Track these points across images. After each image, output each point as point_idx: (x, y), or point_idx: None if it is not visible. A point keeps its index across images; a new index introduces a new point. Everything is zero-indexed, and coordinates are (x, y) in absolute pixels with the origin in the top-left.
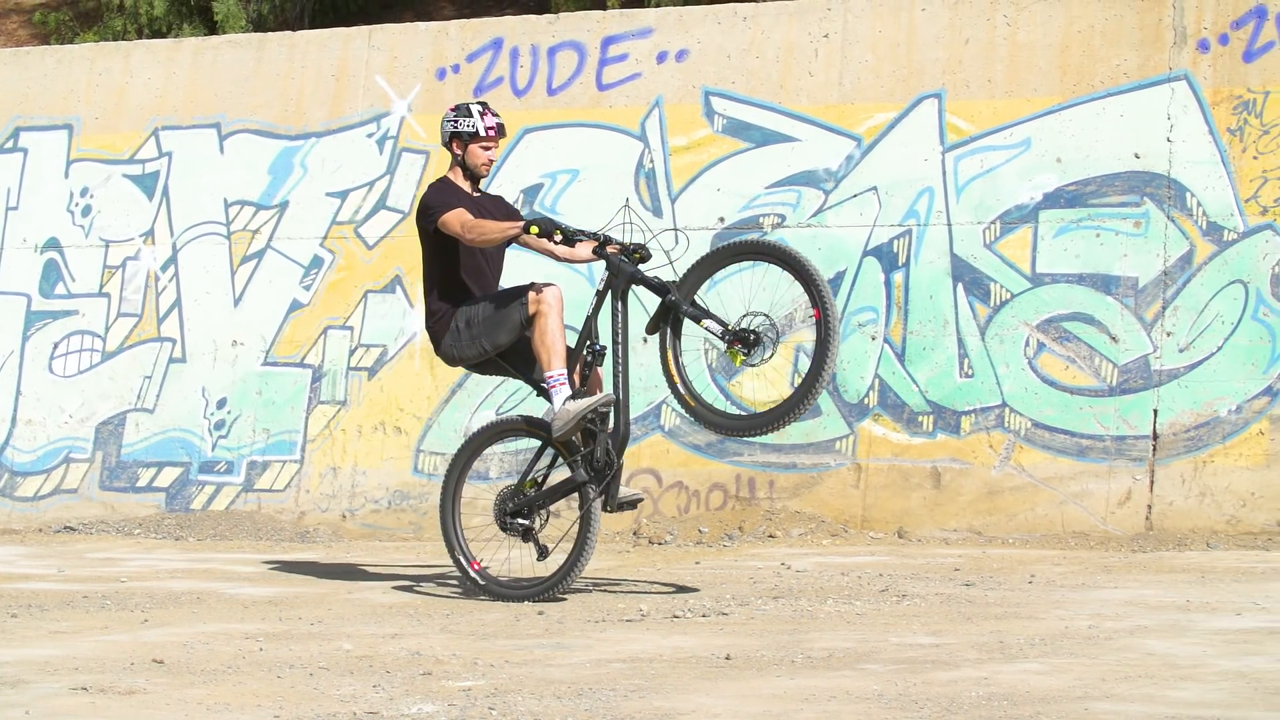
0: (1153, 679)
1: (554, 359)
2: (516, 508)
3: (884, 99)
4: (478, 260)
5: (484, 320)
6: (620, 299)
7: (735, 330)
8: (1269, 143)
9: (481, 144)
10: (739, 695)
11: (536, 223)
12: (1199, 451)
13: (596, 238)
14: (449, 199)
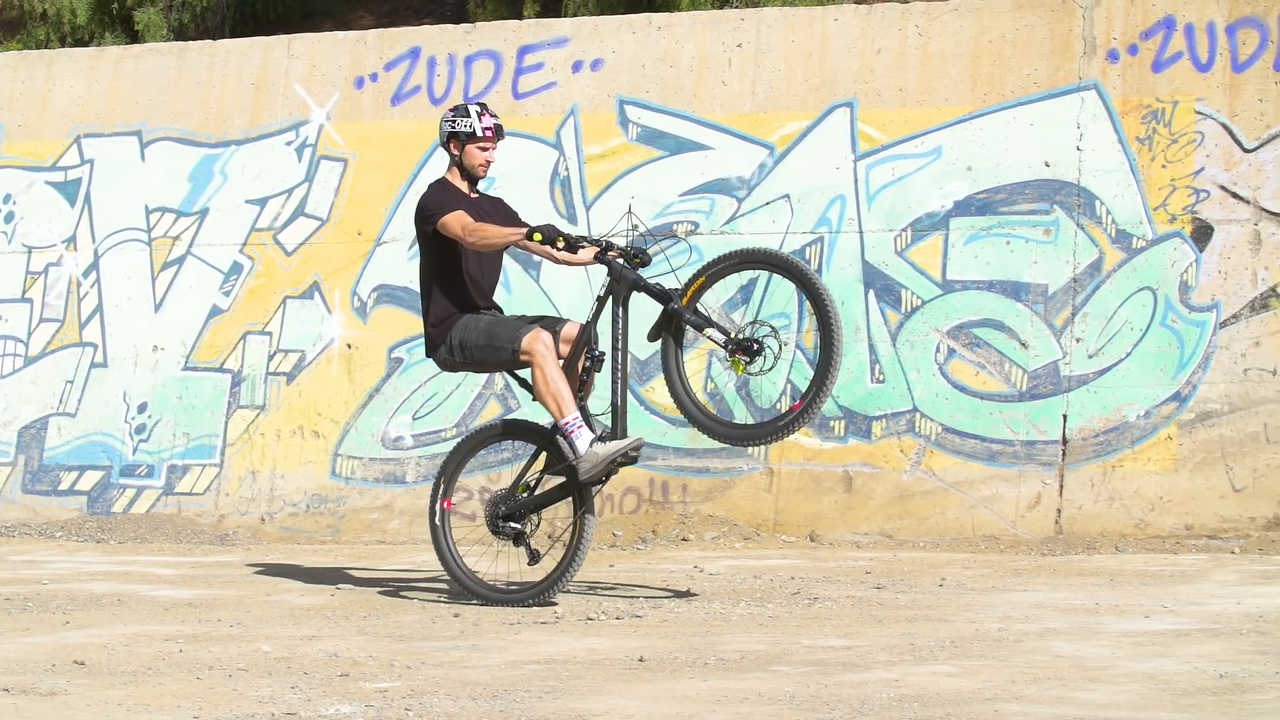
0: (1062, 681)
1: (564, 406)
2: (509, 512)
3: (796, 108)
4: (479, 263)
5: (475, 348)
6: (621, 305)
7: (738, 339)
8: (1177, 151)
9: (479, 145)
10: (652, 697)
11: (540, 230)
12: (1108, 456)
13: (599, 243)
14: (448, 201)
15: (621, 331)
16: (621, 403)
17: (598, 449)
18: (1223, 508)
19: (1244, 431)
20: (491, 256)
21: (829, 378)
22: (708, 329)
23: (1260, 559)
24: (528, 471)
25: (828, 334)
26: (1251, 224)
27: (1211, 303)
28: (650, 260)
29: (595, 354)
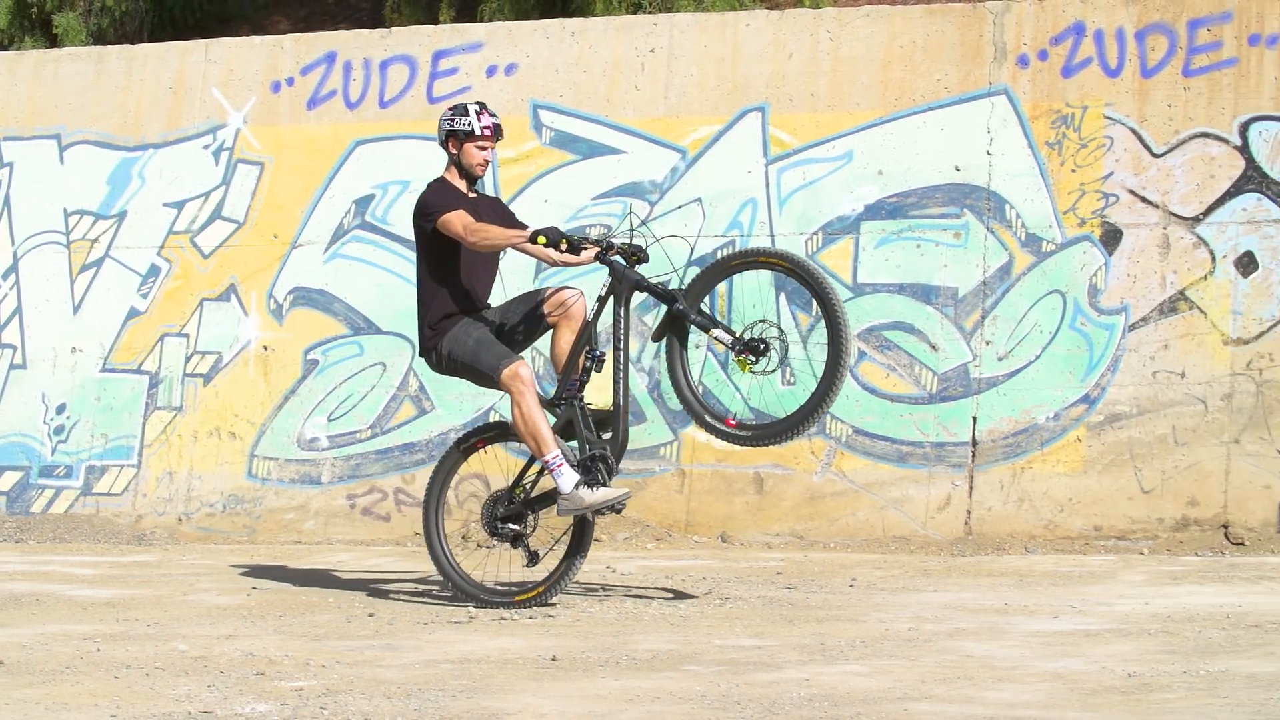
0: (971, 680)
1: (542, 444)
2: (507, 513)
3: (709, 112)
4: (476, 264)
5: (461, 365)
6: (623, 305)
7: (745, 340)
8: (1087, 156)
9: (477, 144)
10: (565, 695)
11: (544, 232)
12: (1017, 458)
13: (600, 244)
14: (448, 200)
15: (623, 332)
16: (624, 403)
17: (583, 495)
18: (1131, 509)
19: (1152, 433)
20: (489, 258)
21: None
22: (714, 329)
23: (1168, 560)
24: (526, 473)
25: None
26: (1160, 228)
27: (1120, 306)
28: (649, 258)
29: (596, 354)
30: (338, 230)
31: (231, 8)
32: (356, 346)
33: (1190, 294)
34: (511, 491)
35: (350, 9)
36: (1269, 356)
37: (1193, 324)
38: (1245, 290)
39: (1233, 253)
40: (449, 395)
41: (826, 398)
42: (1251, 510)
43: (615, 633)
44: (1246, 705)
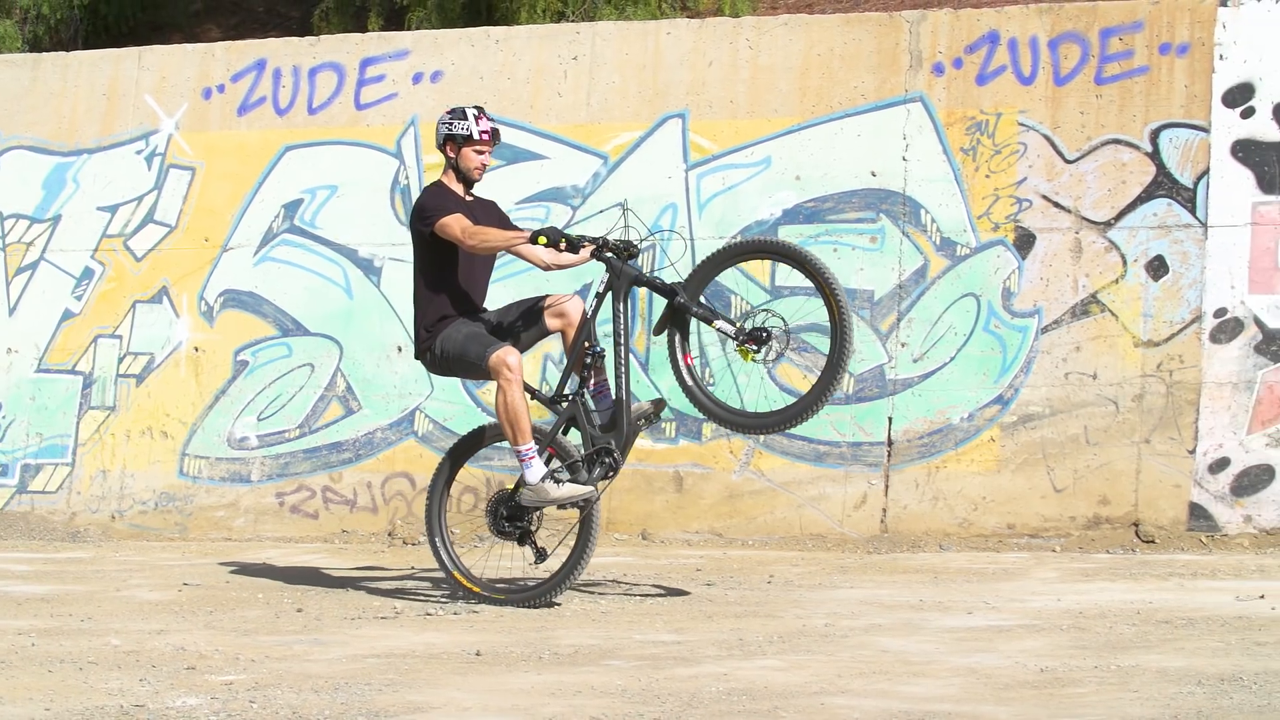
0: (887, 675)
1: (518, 434)
2: (514, 511)
3: (630, 118)
4: (473, 267)
5: (453, 359)
6: (621, 300)
7: (749, 330)
8: (1000, 162)
9: (475, 148)
10: (488, 690)
11: (544, 233)
12: (932, 457)
13: (596, 241)
14: (446, 203)
15: (623, 327)
16: (626, 398)
17: (549, 488)
18: (1044, 507)
19: (1065, 433)
20: (485, 261)
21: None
22: (717, 321)
23: (1080, 557)
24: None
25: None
26: (1073, 232)
27: (1033, 309)
28: (639, 253)
29: (596, 350)
30: (267, 234)
31: (164, 16)
32: (285, 348)
33: (1102, 297)
34: (515, 491)
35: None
36: (1179, 358)
37: (1104, 326)
38: (1156, 293)
39: (1143, 257)
40: (375, 396)
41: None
42: (1162, 509)
43: (538, 628)
44: (1156, 699)
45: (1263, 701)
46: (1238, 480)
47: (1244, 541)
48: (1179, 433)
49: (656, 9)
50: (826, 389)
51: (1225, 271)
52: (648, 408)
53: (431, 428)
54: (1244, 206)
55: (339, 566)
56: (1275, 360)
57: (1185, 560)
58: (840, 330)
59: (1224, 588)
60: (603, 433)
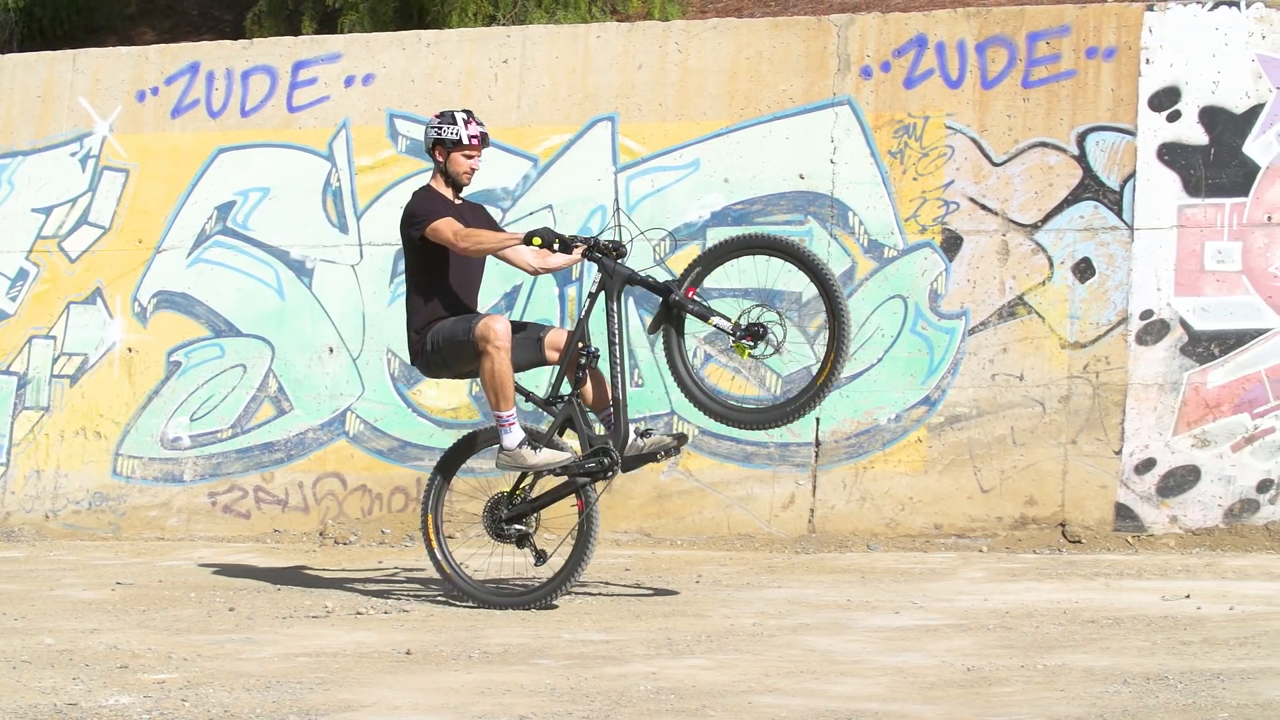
0: (814, 674)
1: (501, 400)
2: (512, 514)
3: (560, 121)
4: (464, 270)
5: (444, 349)
6: (615, 300)
7: (745, 326)
8: (928, 165)
9: (464, 152)
10: (418, 688)
11: (538, 234)
12: (860, 458)
13: (588, 241)
14: (436, 207)
15: (618, 326)
16: (622, 397)
17: (525, 454)
18: (971, 508)
19: (991, 434)
20: (475, 265)
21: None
22: (713, 317)
23: (1007, 557)
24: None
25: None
26: (1000, 235)
27: (960, 310)
28: (627, 252)
29: (590, 350)
30: (200, 235)
31: (99, 19)
32: (218, 349)
33: (1029, 299)
34: (513, 493)
35: (213, 20)
36: (1105, 360)
37: (1031, 328)
38: (1082, 295)
39: (1070, 259)
40: (307, 396)
41: (829, 382)
42: (1088, 509)
43: (468, 627)
44: (1082, 698)
45: (1188, 700)
46: (1163, 481)
47: (1170, 542)
48: (1105, 434)
49: (586, 13)
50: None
51: (1151, 274)
52: (669, 442)
53: (363, 428)
54: (1170, 209)
55: (271, 566)
56: (1201, 362)
57: (1111, 560)
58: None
59: (1150, 588)
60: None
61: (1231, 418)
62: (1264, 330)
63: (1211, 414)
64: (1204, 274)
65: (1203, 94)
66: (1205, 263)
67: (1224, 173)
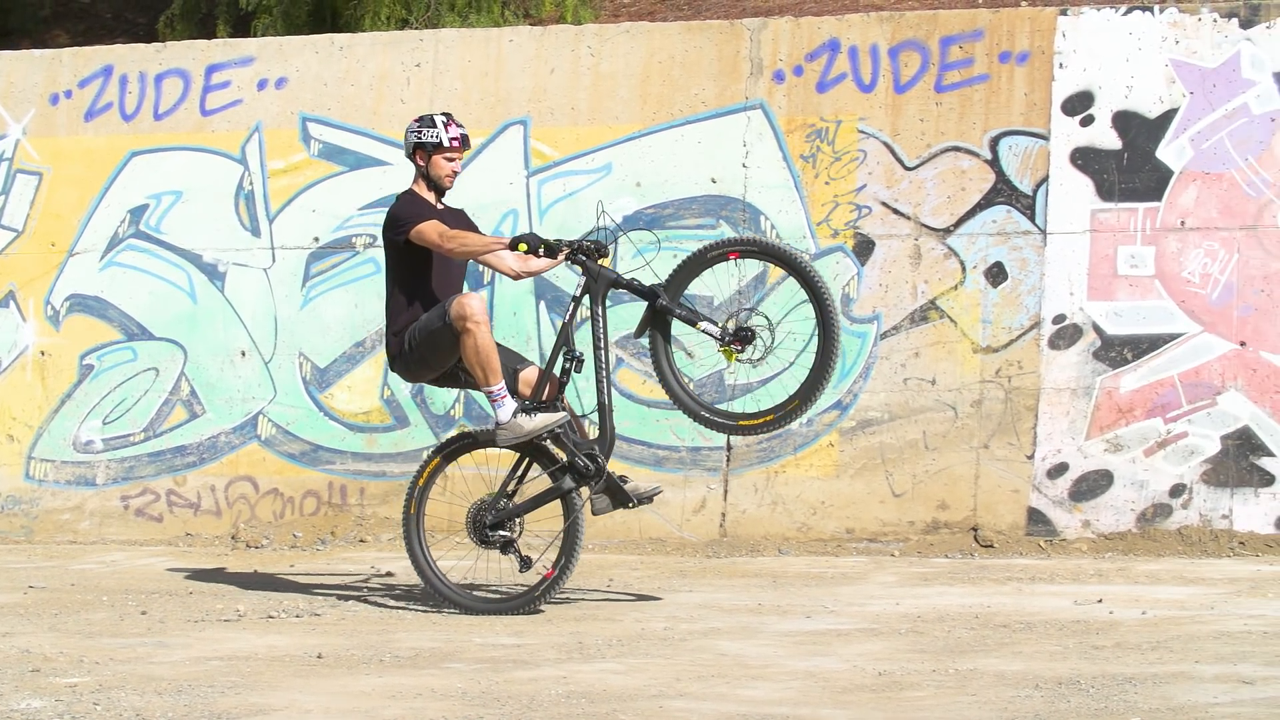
0: (725, 678)
1: (490, 375)
2: (496, 520)
3: (472, 125)
4: (448, 273)
5: (419, 344)
6: (600, 304)
7: (734, 331)
8: (840, 169)
9: (445, 155)
10: (330, 692)
11: (524, 239)
12: (771, 462)
13: (572, 245)
14: (420, 210)
15: (602, 331)
16: (608, 401)
17: (521, 421)
18: (883, 512)
19: (904, 439)
20: (457, 271)
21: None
22: (700, 322)
23: (919, 561)
24: (511, 479)
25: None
26: (912, 239)
27: (873, 315)
28: (609, 253)
29: (575, 355)
30: (113, 239)
31: (13, 22)
32: (131, 352)
33: (941, 303)
34: (497, 499)
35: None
36: (1018, 364)
37: (943, 332)
38: (995, 300)
39: (982, 263)
40: (219, 400)
41: (818, 387)
42: (1000, 514)
43: (379, 631)
44: (994, 703)
45: (1100, 705)
46: (1076, 485)
47: (1082, 546)
48: (1018, 438)
49: (499, 17)
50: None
51: (1064, 278)
52: (645, 491)
53: (275, 432)
54: (1083, 214)
55: (183, 569)
56: (1114, 366)
57: (1023, 565)
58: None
59: (1062, 592)
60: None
61: (1144, 422)
62: (1177, 335)
63: (1124, 419)
64: (1117, 279)
65: (1116, 99)
66: (1118, 267)
67: (1137, 177)
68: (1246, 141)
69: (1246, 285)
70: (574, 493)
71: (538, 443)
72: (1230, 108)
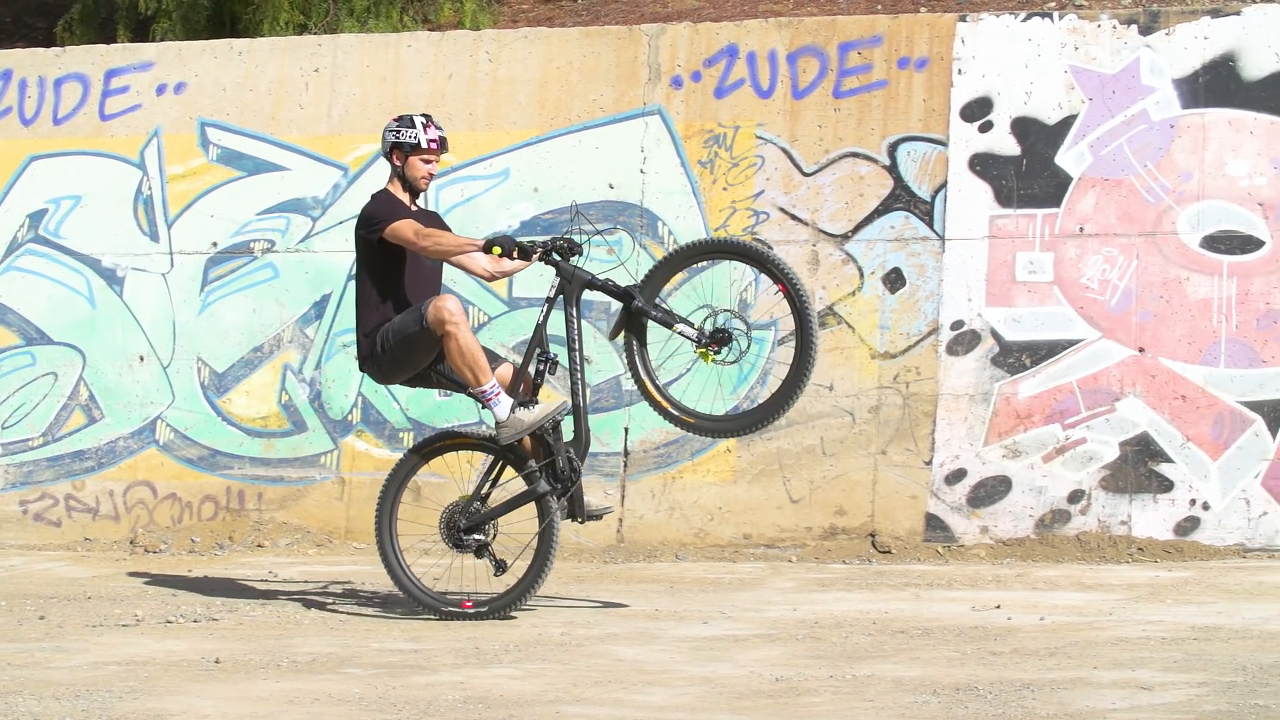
0: (622, 684)
1: (479, 374)
2: (471, 523)
3: (370, 130)
4: (422, 274)
5: (393, 346)
6: (574, 305)
7: (710, 333)
8: (738, 175)
9: (423, 157)
10: (227, 697)
11: (498, 242)
12: (668, 468)
13: (545, 246)
14: (395, 209)
15: (577, 332)
16: (583, 403)
17: (520, 415)
18: (780, 518)
19: (801, 445)
20: (431, 273)
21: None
22: (677, 324)
23: (816, 567)
24: (485, 482)
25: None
26: (810, 245)
27: (770, 320)
28: (582, 251)
29: (549, 357)
30: (12, 243)
31: None
32: (29, 356)
33: (839, 309)
34: (471, 502)
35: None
36: (915, 370)
37: (841, 338)
38: (893, 306)
39: (880, 269)
40: (118, 404)
41: (796, 388)
42: (898, 519)
43: (277, 635)
44: (891, 709)
45: (997, 711)
46: (974, 491)
47: (980, 552)
48: (915, 444)
49: (398, 22)
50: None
51: (962, 284)
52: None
53: (173, 437)
54: (981, 220)
55: (82, 574)
56: (1012, 372)
57: (921, 570)
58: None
59: (960, 598)
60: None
61: (1043, 428)
62: (1075, 341)
63: (1022, 424)
64: (1015, 285)
65: (1015, 105)
66: (1017, 273)
67: (1036, 183)
68: (1146, 148)
69: (1145, 291)
70: (549, 495)
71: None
72: (1129, 114)
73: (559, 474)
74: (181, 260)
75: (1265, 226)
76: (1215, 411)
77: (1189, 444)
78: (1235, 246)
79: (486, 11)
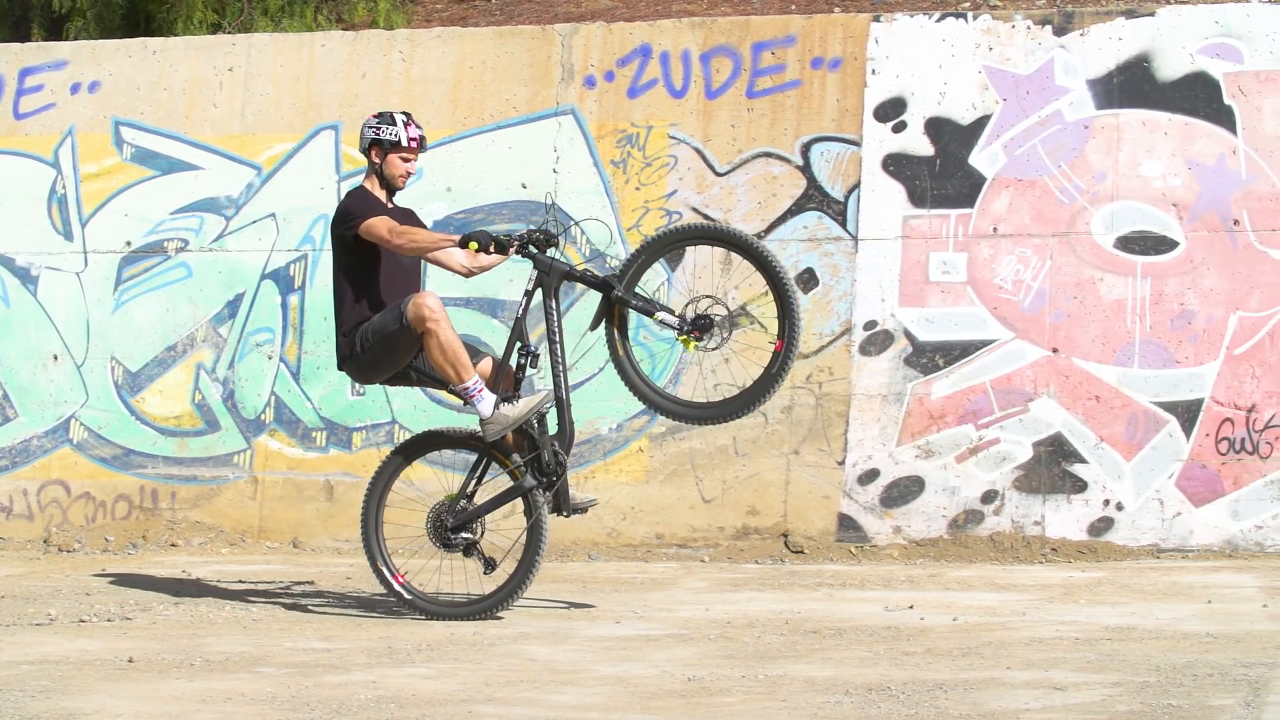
0: (534, 683)
1: (462, 370)
2: (458, 522)
3: (284, 130)
4: (399, 271)
5: (372, 346)
6: (553, 297)
7: (692, 320)
8: (651, 174)
9: (401, 154)
10: (140, 696)
11: (474, 237)
12: (581, 467)
13: (521, 239)
14: (371, 206)
15: (557, 324)
16: (565, 396)
17: (505, 410)
18: (693, 518)
19: (714, 445)
20: (408, 270)
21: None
22: (657, 312)
23: (729, 567)
24: (470, 480)
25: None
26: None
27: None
28: (557, 241)
29: (531, 351)
30: None
31: None
32: None
33: (752, 309)
34: (457, 501)
35: None
36: (829, 370)
37: (754, 338)
38: (806, 306)
39: (794, 269)
40: (31, 403)
41: (781, 373)
42: (811, 519)
43: (190, 635)
44: (804, 708)
45: (910, 711)
46: (887, 491)
47: (893, 552)
48: (828, 444)
49: (312, 21)
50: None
51: (876, 284)
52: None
53: (87, 436)
54: (895, 220)
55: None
56: (925, 373)
57: (834, 570)
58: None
59: (872, 598)
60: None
61: (956, 429)
62: (989, 341)
63: (936, 425)
64: (929, 285)
65: (929, 105)
66: (930, 274)
67: (950, 184)
68: (1060, 148)
69: (1059, 292)
70: (536, 490)
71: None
72: (1043, 114)
73: (545, 468)
74: (95, 259)
75: (1179, 227)
76: (1129, 412)
77: (1103, 444)
78: (1149, 247)
79: (400, 11)
